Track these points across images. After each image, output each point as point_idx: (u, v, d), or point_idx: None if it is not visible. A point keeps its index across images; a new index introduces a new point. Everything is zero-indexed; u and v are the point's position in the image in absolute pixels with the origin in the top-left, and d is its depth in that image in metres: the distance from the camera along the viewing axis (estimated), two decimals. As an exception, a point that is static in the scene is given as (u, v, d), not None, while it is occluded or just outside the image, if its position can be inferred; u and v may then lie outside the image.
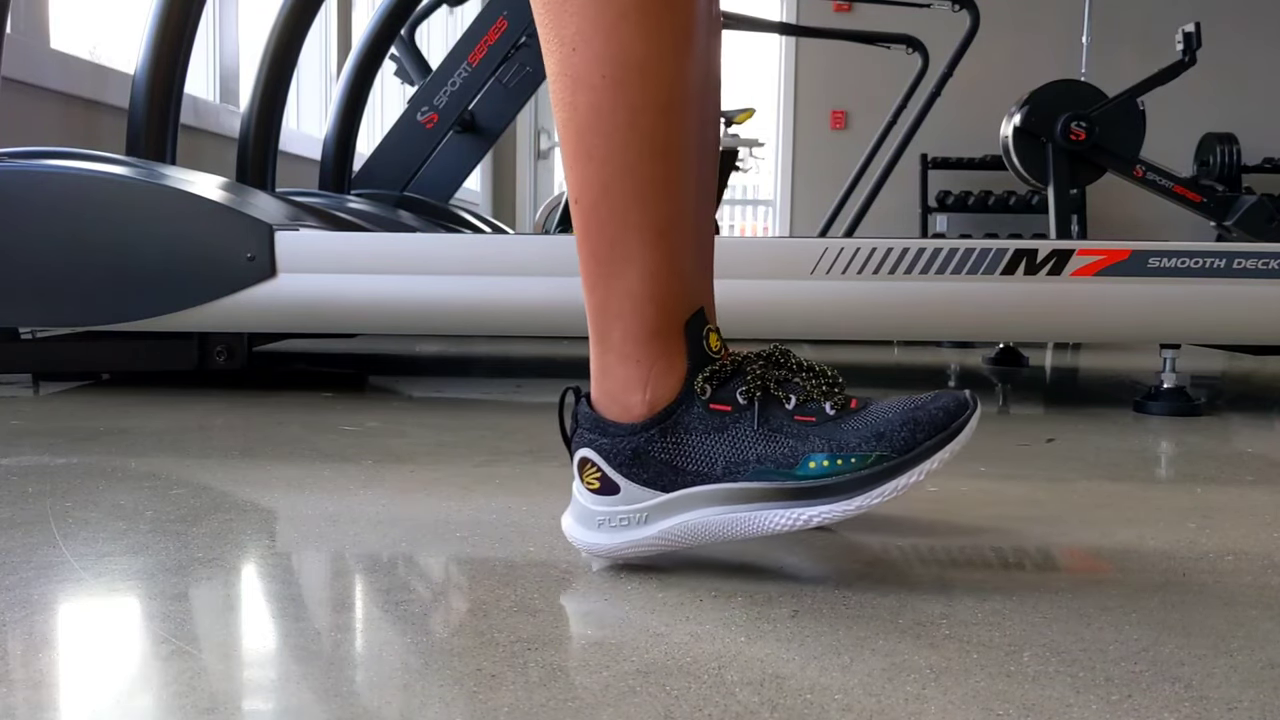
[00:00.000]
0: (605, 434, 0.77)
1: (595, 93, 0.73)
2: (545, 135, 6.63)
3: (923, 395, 0.77)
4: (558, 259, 1.60)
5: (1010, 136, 3.22)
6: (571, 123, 0.75)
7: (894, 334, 1.71)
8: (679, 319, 0.77)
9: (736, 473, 0.75)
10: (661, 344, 0.77)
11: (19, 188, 1.57)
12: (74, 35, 2.65)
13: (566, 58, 0.74)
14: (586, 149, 0.75)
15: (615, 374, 0.78)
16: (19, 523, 0.90)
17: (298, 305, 1.59)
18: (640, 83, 0.73)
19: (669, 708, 0.56)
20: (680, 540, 0.77)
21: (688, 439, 0.76)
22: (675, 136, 0.75)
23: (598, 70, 0.73)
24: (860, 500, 0.74)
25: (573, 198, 0.77)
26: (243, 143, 2.42)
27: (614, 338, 0.77)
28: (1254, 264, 1.58)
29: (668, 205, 0.76)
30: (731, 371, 0.77)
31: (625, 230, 0.76)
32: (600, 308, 0.78)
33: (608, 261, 0.77)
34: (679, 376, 0.77)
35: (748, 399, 0.76)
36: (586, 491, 0.78)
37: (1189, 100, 5.45)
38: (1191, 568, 0.83)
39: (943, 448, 0.75)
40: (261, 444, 1.28)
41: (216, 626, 0.68)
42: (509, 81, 3.19)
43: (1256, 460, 1.30)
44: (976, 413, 0.76)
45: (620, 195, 0.75)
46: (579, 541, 0.79)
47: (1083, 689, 0.59)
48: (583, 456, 0.78)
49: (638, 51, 0.73)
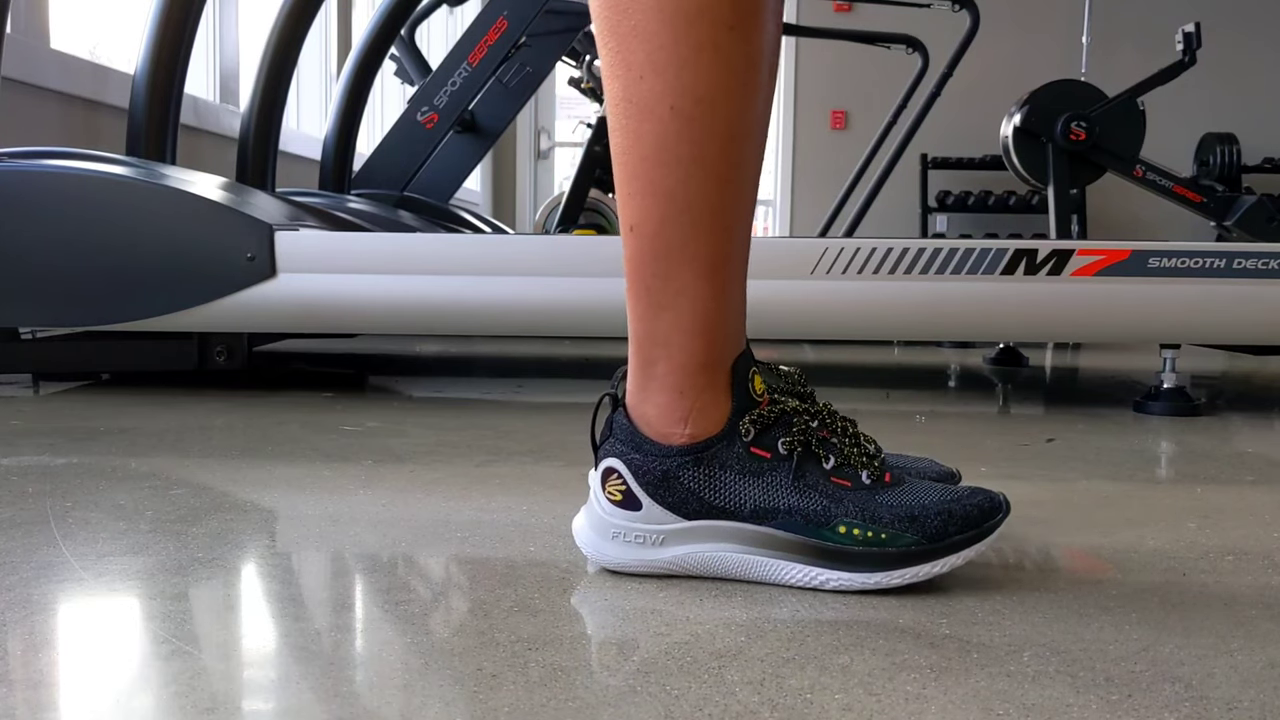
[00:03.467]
0: (639, 450, 0.77)
1: (662, 124, 0.72)
2: (545, 135, 6.63)
3: (959, 487, 0.78)
4: (558, 259, 1.60)
5: (1010, 136, 3.22)
6: (634, 151, 0.74)
7: (894, 334, 1.71)
8: (727, 355, 0.77)
9: (765, 518, 0.75)
10: (707, 378, 0.76)
11: (19, 188, 1.57)
12: (74, 35, 2.65)
13: (632, 84, 0.72)
14: (649, 180, 0.73)
15: (657, 401, 0.77)
16: (19, 523, 0.90)
17: (298, 305, 1.59)
18: (709, 116, 0.72)
19: (669, 708, 0.56)
20: (691, 569, 0.77)
21: (722, 475, 0.76)
22: (736, 169, 0.74)
23: (666, 101, 0.71)
24: (879, 578, 0.74)
25: (627, 225, 0.76)
26: (243, 143, 2.42)
27: (659, 368, 0.77)
28: (1254, 264, 1.58)
29: (724, 239, 0.75)
30: (775, 419, 0.76)
31: (681, 263, 0.74)
32: (647, 336, 0.77)
33: (659, 293, 0.75)
34: (723, 413, 0.76)
35: (788, 450, 0.76)
36: (607, 502, 0.78)
37: (1189, 100, 5.45)
38: (1191, 568, 0.83)
39: (970, 546, 0.76)
40: (261, 444, 1.28)
41: (216, 626, 0.68)
42: (509, 81, 3.19)
43: (1256, 460, 1.30)
44: (1007, 516, 0.77)
45: (678, 228, 0.74)
46: (590, 549, 0.79)
47: (1083, 689, 0.59)
48: (610, 466, 0.78)
49: (709, 84, 0.71)
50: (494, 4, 2.99)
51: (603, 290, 1.59)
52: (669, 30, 0.70)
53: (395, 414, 1.54)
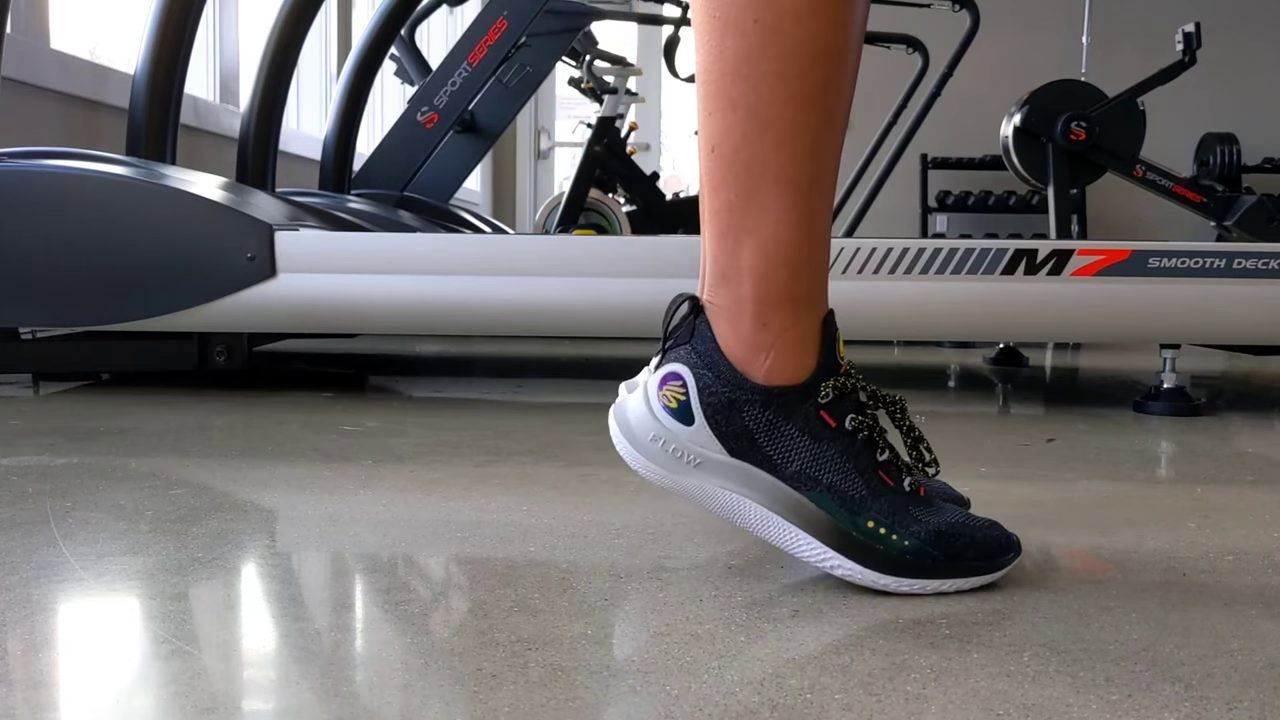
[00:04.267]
0: (713, 369, 0.74)
1: (745, 37, 0.70)
2: (545, 135, 6.63)
3: (981, 517, 0.78)
4: (558, 259, 1.60)
5: (1010, 136, 3.22)
6: (715, 67, 0.72)
7: (894, 334, 1.71)
8: (814, 297, 0.75)
9: (803, 484, 0.74)
10: (792, 314, 0.74)
11: (19, 188, 1.57)
12: (74, 35, 2.65)
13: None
14: (730, 96, 0.72)
15: (742, 327, 0.74)
16: (19, 523, 0.90)
17: (298, 305, 1.59)
18: (794, 30, 0.70)
19: (669, 708, 0.56)
20: (711, 504, 0.76)
21: (783, 426, 0.74)
22: (824, 89, 0.72)
23: (750, 14, 0.70)
24: (889, 581, 0.74)
25: (708, 145, 0.74)
26: (243, 143, 2.42)
27: (745, 290, 0.74)
28: (1254, 264, 1.58)
29: (810, 161, 0.73)
30: (852, 392, 0.76)
31: (764, 182, 0.73)
32: (730, 258, 0.74)
33: (741, 214, 0.73)
34: (806, 364, 0.75)
35: (854, 427, 0.75)
36: (659, 404, 0.76)
37: (1189, 100, 5.44)
38: (1191, 568, 0.83)
39: (980, 574, 0.76)
40: (261, 444, 1.28)
41: (216, 626, 0.68)
42: (509, 81, 3.19)
43: (1256, 460, 1.30)
44: (1018, 557, 0.78)
45: (761, 146, 0.72)
46: (624, 441, 0.77)
47: (1083, 689, 0.59)
48: (677, 372, 0.75)
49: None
50: (494, 4, 2.99)
51: (603, 290, 1.59)
52: None
53: (395, 414, 1.54)
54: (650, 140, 6.41)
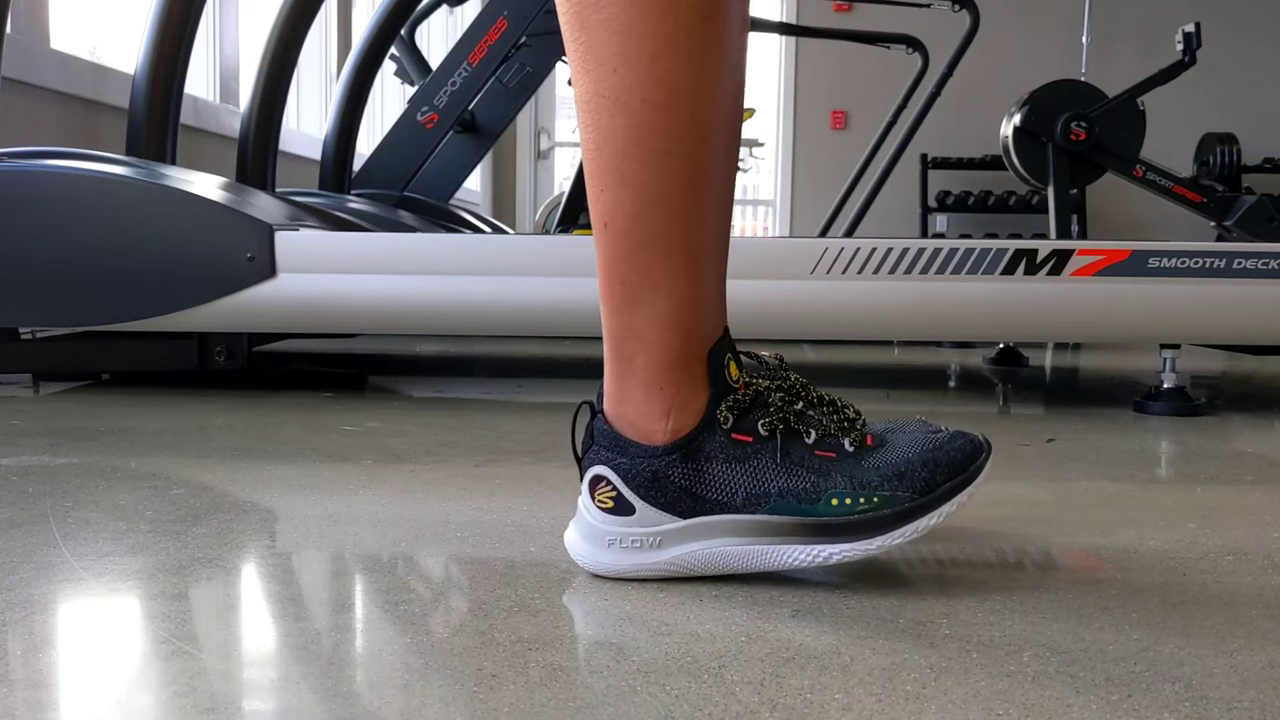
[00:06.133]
0: (624, 454, 0.76)
1: (635, 116, 0.71)
2: (545, 135, 6.63)
3: (938, 435, 0.78)
4: (558, 259, 1.60)
5: (1010, 136, 3.22)
6: (607, 146, 0.73)
7: (894, 334, 1.71)
8: (704, 347, 0.76)
9: (757, 504, 0.75)
10: (685, 370, 0.76)
11: (19, 188, 1.57)
12: (74, 35, 2.65)
13: (605, 79, 0.72)
14: (621, 174, 0.73)
15: (636, 399, 0.76)
16: (19, 523, 0.90)
17: (298, 305, 1.59)
18: (682, 108, 0.72)
19: (669, 708, 0.56)
20: (692, 568, 0.77)
21: (709, 467, 0.75)
22: (710, 161, 0.74)
23: (639, 94, 0.71)
24: (881, 540, 0.74)
25: (600, 222, 0.75)
26: (243, 143, 2.42)
27: (636, 363, 0.76)
28: (1254, 264, 1.58)
29: (699, 231, 0.75)
30: (751, 402, 0.76)
31: (655, 257, 0.74)
32: (623, 333, 0.76)
33: (635, 288, 0.75)
34: (701, 403, 0.76)
35: (769, 430, 0.76)
36: (598, 510, 0.77)
37: (1189, 100, 5.45)
38: (1191, 568, 0.83)
39: (960, 490, 0.76)
40: (261, 444, 1.28)
41: (216, 626, 0.68)
42: (509, 81, 3.19)
43: (1256, 460, 1.30)
44: (990, 456, 0.78)
45: (652, 221, 0.73)
46: (586, 561, 0.78)
47: (1083, 689, 0.59)
48: (598, 474, 0.77)
49: (681, 76, 0.71)
50: (494, 4, 2.99)
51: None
52: (641, 21, 0.70)
53: (395, 414, 1.54)
54: (650, 140, 6.40)
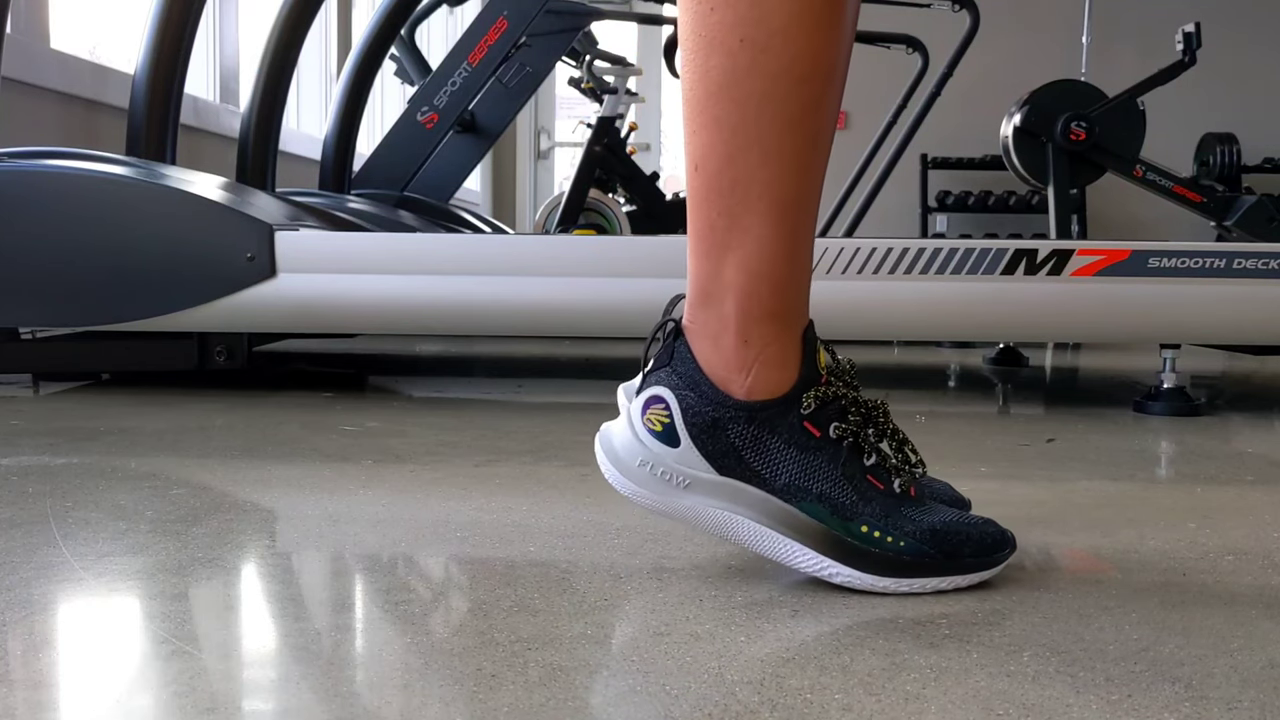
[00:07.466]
0: (694, 389, 0.75)
1: (731, 57, 0.70)
2: (545, 135, 6.63)
3: (974, 515, 0.79)
4: (558, 259, 1.60)
5: (1010, 136, 3.21)
6: (700, 86, 0.72)
7: (894, 334, 1.71)
8: (795, 312, 0.75)
9: (794, 496, 0.74)
10: (773, 330, 0.75)
11: (19, 188, 1.57)
12: (74, 35, 2.65)
13: (702, 17, 0.70)
14: (714, 115, 0.72)
15: (724, 345, 0.75)
16: (19, 523, 0.90)
17: (298, 305, 1.59)
18: (783, 50, 0.70)
19: (669, 708, 0.56)
20: (702, 524, 0.76)
21: (770, 440, 0.74)
22: (810, 109, 0.72)
23: (736, 34, 0.70)
24: (888, 582, 0.74)
25: (692, 163, 0.74)
26: (243, 143, 2.42)
27: (727, 308, 0.74)
28: (1254, 264, 1.58)
29: (794, 180, 0.73)
30: (833, 401, 0.76)
31: (747, 201, 0.73)
32: (713, 275, 0.75)
33: (724, 232, 0.73)
34: (787, 377, 0.75)
35: (839, 435, 0.75)
36: (644, 428, 0.76)
37: (1189, 100, 5.44)
38: (1191, 568, 0.83)
39: (979, 570, 0.76)
40: (261, 444, 1.28)
41: (216, 626, 0.68)
42: (509, 81, 3.19)
43: (1256, 460, 1.30)
44: (1013, 553, 0.79)
45: (745, 165, 0.72)
46: (611, 468, 0.77)
47: (1083, 689, 0.59)
48: (660, 395, 0.75)
49: (781, 17, 0.69)
50: (494, 4, 2.99)
51: (603, 290, 1.59)
52: None
53: (395, 414, 1.54)
54: (650, 140, 6.41)
